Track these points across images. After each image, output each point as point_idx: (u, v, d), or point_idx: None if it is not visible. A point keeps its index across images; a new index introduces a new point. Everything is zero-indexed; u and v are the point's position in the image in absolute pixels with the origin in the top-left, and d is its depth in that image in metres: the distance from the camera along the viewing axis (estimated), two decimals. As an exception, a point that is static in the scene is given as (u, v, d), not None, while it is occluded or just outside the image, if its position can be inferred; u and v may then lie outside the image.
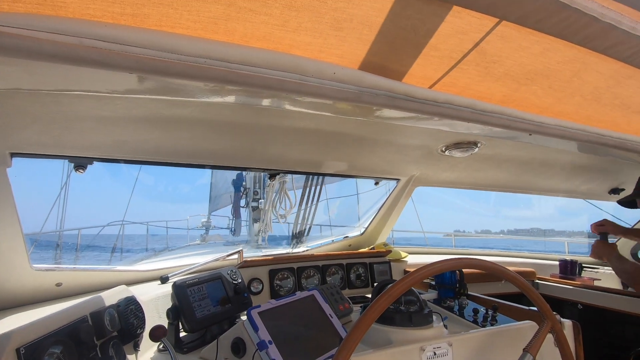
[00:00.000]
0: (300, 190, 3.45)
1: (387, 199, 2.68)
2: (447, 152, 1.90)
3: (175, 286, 1.35)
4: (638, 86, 1.37)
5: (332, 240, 2.90)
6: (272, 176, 1.97)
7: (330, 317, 1.21)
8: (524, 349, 0.95)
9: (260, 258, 2.04)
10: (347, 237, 2.87)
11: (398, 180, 2.51)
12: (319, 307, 1.23)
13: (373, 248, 2.63)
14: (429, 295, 1.72)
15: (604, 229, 2.10)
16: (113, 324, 1.08)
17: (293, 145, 1.73)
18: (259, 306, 1.07)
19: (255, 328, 1.01)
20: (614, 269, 1.97)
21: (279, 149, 1.76)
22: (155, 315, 1.46)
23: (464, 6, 0.92)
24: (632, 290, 2.24)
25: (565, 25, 1.02)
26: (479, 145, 1.79)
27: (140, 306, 1.24)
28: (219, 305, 1.42)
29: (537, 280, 2.47)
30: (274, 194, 2.87)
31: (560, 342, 1.02)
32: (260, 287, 1.92)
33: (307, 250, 2.79)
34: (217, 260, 2.01)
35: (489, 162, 2.16)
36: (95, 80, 0.84)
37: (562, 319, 1.34)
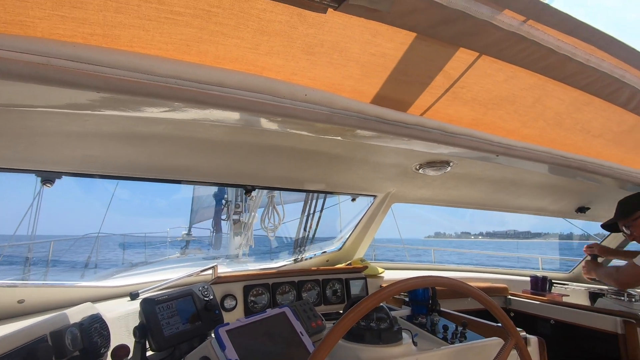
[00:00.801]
0: (295, 204, 3.38)
1: (364, 214, 2.71)
2: (421, 171, 1.95)
3: (143, 302, 1.32)
4: (596, 112, 1.46)
5: (315, 254, 2.89)
6: (248, 192, 1.97)
7: (300, 335, 1.21)
8: (487, 366, 0.98)
9: (234, 274, 2.02)
10: (325, 252, 2.88)
11: (375, 196, 2.55)
12: (290, 324, 1.22)
13: (350, 264, 2.64)
14: (403, 311, 1.73)
15: (592, 251, 2.51)
16: (75, 343, 1.05)
17: (269, 162, 1.73)
18: (227, 324, 1.06)
19: (222, 347, 0.99)
20: (602, 280, 2.30)
21: (255, 166, 1.77)
22: (125, 333, 1.42)
23: (429, 35, 0.96)
24: (597, 307, 2.32)
25: (525, 56, 1.09)
26: (451, 164, 1.84)
27: (106, 324, 1.21)
28: (189, 322, 1.39)
29: (509, 296, 2.53)
30: (262, 209, 2.85)
31: (524, 358, 1.05)
32: (234, 303, 1.90)
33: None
34: (190, 275, 1.97)
35: (461, 181, 2.22)
36: (63, 98, 0.84)
37: (527, 335, 1.37)
